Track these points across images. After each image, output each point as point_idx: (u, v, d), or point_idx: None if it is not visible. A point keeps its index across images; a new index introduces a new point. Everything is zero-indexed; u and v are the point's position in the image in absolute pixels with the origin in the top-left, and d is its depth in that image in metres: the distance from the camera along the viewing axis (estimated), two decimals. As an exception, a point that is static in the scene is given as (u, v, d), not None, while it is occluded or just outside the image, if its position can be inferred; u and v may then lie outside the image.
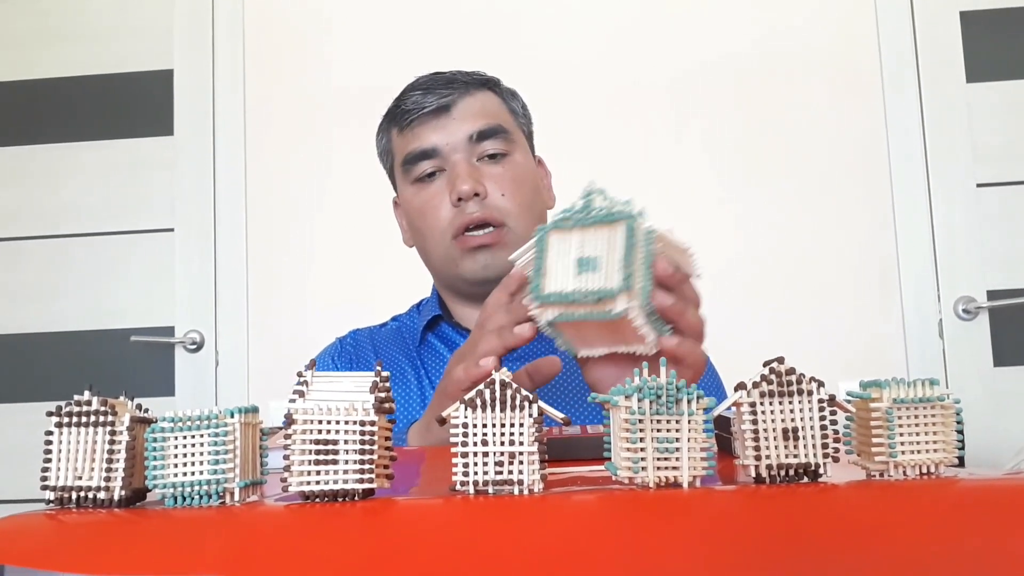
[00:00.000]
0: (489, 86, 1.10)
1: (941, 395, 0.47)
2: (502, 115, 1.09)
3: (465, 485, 0.46)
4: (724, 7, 2.00)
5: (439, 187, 1.05)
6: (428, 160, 1.05)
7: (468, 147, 1.04)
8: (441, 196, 1.05)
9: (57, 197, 2.08)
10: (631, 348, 0.65)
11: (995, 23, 1.96)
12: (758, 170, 1.95)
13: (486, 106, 1.07)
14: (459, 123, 1.05)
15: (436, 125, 1.05)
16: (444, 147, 1.04)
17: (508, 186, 1.05)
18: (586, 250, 0.60)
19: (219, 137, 2.06)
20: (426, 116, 1.05)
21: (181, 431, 0.47)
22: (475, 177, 1.03)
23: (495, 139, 1.05)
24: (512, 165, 1.06)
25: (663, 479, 0.45)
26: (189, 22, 2.10)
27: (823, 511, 0.43)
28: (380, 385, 0.47)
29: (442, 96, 1.05)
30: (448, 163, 1.05)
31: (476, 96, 1.07)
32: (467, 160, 1.04)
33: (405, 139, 1.07)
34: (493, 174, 1.04)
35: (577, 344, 0.67)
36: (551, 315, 0.61)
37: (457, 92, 1.06)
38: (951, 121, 1.94)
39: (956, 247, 1.91)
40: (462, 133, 1.04)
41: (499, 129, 1.06)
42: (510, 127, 1.08)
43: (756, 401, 0.46)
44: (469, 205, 1.03)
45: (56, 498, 0.48)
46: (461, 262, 1.05)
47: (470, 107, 1.06)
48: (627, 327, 0.62)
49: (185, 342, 1.99)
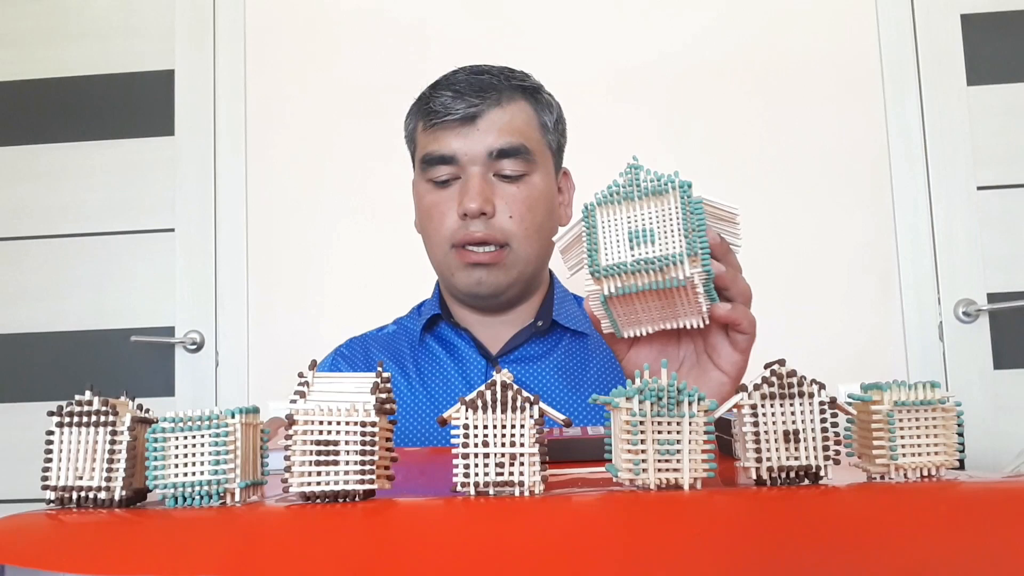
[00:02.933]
0: (527, 94, 1.07)
1: (942, 398, 0.47)
2: (529, 131, 1.06)
3: (466, 486, 0.46)
4: (725, 10, 2.00)
5: (450, 194, 1.04)
6: (446, 166, 1.04)
7: (486, 162, 1.03)
8: (450, 204, 1.04)
9: (57, 197, 2.08)
10: (681, 322, 0.65)
11: (996, 26, 1.96)
12: (758, 173, 1.95)
13: (514, 120, 1.04)
14: (482, 135, 1.03)
15: (459, 133, 1.03)
16: (463, 156, 1.03)
17: (518, 208, 1.03)
18: (638, 223, 0.60)
19: (220, 137, 2.06)
20: (452, 122, 1.03)
21: (182, 431, 0.47)
22: (485, 196, 1.01)
23: (515, 159, 1.03)
24: (528, 187, 1.04)
25: (664, 481, 0.45)
26: (190, 22, 2.10)
27: (824, 513, 0.43)
28: (381, 386, 0.47)
29: (471, 105, 1.02)
30: (464, 173, 1.03)
31: (506, 108, 1.04)
32: (482, 175, 1.03)
33: (427, 138, 1.06)
34: (506, 194, 1.03)
35: (625, 324, 0.66)
36: (612, 288, 0.60)
37: (487, 102, 1.03)
38: (952, 124, 1.94)
39: (956, 250, 1.91)
40: (483, 147, 1.02)
41: (521, 149, 1.03)
42: (534, 145, 1.05)
43: (757, 403, 0.46)
44: (474, 223, 1.02)
45: (57, 498, 0.48)
46: (457, 272, 1.05)
47: (497, 120, 1.03)
48: (681, 300, 0.62)
49: (185, 342, 1.99)
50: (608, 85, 1.99)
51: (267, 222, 2.03)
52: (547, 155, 1.09)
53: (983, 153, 1.92)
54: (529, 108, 1.07)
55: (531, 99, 1.08)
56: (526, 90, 1.08)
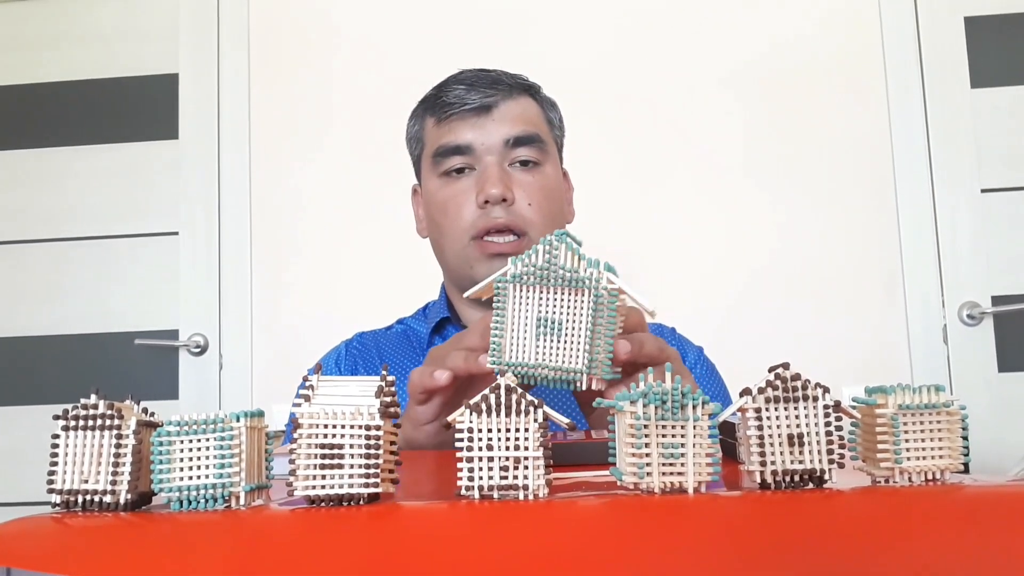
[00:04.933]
0: (531, 92, 1.10)
1: (947, 401, 0.47)
2: (540, 124, 1.08)
3: (470, 490, 0.46)
4: (729, 14, 2.00)
5: (466, 185, 1.04)
6: (460, 156, 1.04)
7: (502, 151, 1.04)
8: (467, 195, 1.04)
9: (62, 200, 2.09)
10: None
11: (1000, 28, 1.96)
12: (763, 175, 1.95)
13: (526, 112, 1.07)
14: (498, 125, 1.04)
15: (475, 123, 1.04)
16: (479, 146, 1.04)
17: (536, 196, 1.04)
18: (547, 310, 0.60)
19: (224, 141, 2.06)
20: (467, 112, 1.04)
21: (187, 435, 0.47)
22: (505, 182, 1.02)
23: (530, 147, 1.05)
24: (543, 175, 1.06)
25: (668, 484, 0.45)
26: (194, 26, 2.10)
27: (828, 517, 0.43)
28: (386, 389, 0.47)
29: (486, 95, 1.04)
30: (480, 163, 1.04)
31: (518, 100, 1.07)
32: (499, 164, 1.04)
33: (440, 131, 1.06)
34: (523, 182, 1.04)
35: None
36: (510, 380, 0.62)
37: (500, 94, 1.05)
38: (956, 126, 1.94)
39: (960, 252, 1.90)
40: (499, 135, 1.04)
41: (536, 137, 1.05)
42: (546, 137, 1.08)
43: (761, 407, 0.46)
44: (495, 210, 1.02)
45: (62, 501, 0.48)
46: (477, 264, 1.05)
47: (511, 111, 1.05)
48: None
49: (189, 345, 2.00)
50: (611, 95, 1.99)
51: (271, 225, 2.03)
52: (554, 148, 1.11)
53: (987, 156, 1.92)
54: (535, 104, 1.10)
55: (535, 96, 1.11)
56: (529, 88, 1.10)
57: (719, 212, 1.94)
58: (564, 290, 0.60)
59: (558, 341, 0.60)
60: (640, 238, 1.94)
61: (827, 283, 1.91)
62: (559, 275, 0.60)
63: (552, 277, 0.60)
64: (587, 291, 0.60)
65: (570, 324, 0.60)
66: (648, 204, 1.94)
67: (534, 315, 0.60)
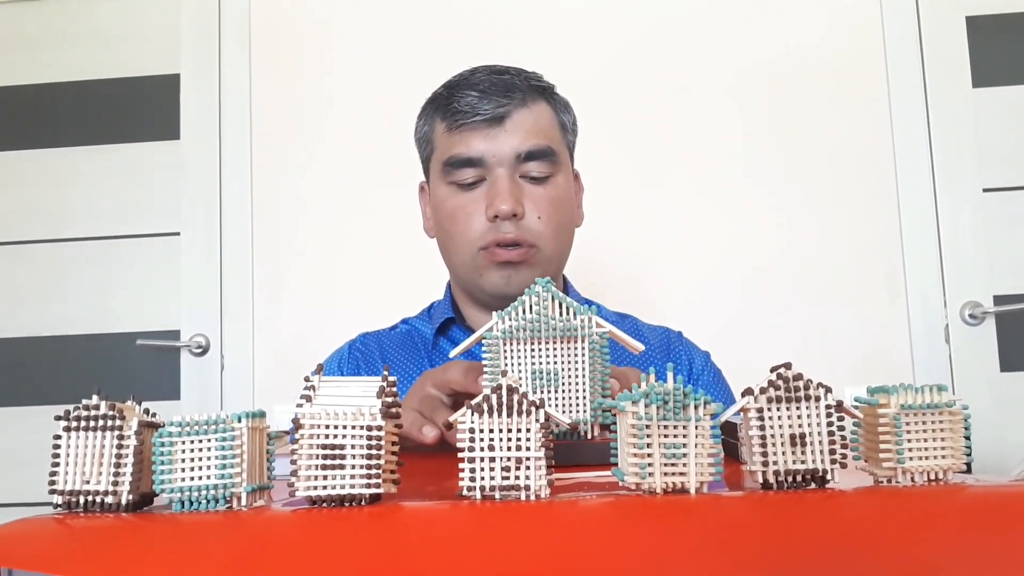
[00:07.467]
0: (545, 95, 1.08)
1: (949, 401, 0.47)
2: (552, 132, 1.07)
3: (472, 490, 0.46)
4: (731, 14, 2.00)
5: (477, 196, 1.03)
6: (472, 168, 1.03)
7: (514, 164, 1.02)
8: (477, 205, 1.03)
9: (63, 201, 2.09)
10: None
11: (1001, 28, 1.95)
12: (764, 175, 1.95)
13: (539, 121, 1.05)
14: (510, 136, 1.02)
15: (487, 134, 1.02)
16: (490, 158, 1.02)
17: (546, 209, 1.03)
18: (543, 362, 0.60)
19: (225, 141, 2.06)
20: (479, 123, 1.02)
21: (188, 436, 0.47)
22: (516, 197, 1.01)
23: (541, 161, 1.03)
24: (553, 187, 1.05)
25: (670, 485, 0.45)
26: (196, 27, 2.10)
27: (831, 517, 0.43)
28: (387, 390, 0.47)
29: (499, 105, 1.02)
30: (491, 174, 1.03)
31: (531, 108, 1.04)
32: (510, 177, 1.02)
33: (452, 140, 1.05)
34: (534, 195, 1.03)
35: None
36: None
37: (514, 102, 1.03)
38: (957, 126, 1.93)
39: (962, 252, 1.90)
40: (510, 148, 1.02)
41: (547, 151, 1.04)
42: (558, 146, 1.06)
43: (763, 407, 0.46)
44: (505, 224, 1.01)
45: (64, 502, 0.48)
46: (485, 273, 1.04)
47: (524, 121, 1.03)
48: None
49: (191, 346, 2.00)
50: (618, 98, 1.99)
51: (272, 225, 2.03)
52: (566, 155, 1.10)
53: (989, 155, 1.92)
54: (549, 109, 1.08)
55: (550, 100, 1.08)
56: (544, 90, 1.08)
57: (722, 212, 1.94)
58: (557, 340, 0.60)
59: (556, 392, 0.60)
60: (644, 239, 1.94)
61: (829, 283, 1.91)
62: (551, 326, 0.60)
63: (544, 329, 0.60)
64: (581, 339, 0.60)
65: (567, 373, 0.60)
66: (652, 205, 1.94)
67: (528, 368, 0.60)
